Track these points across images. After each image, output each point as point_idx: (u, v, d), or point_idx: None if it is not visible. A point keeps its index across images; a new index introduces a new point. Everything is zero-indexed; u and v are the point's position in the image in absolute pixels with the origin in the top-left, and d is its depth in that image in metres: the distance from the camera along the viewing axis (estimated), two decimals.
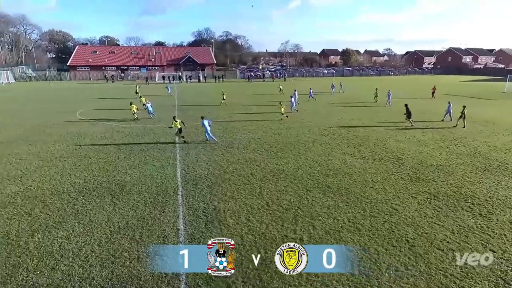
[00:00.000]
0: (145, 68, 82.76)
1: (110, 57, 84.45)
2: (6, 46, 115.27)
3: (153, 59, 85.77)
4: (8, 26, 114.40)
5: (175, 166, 13.51)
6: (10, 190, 11.12)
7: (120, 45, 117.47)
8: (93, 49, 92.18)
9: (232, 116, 25.14)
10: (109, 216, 9.23)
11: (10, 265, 7.05)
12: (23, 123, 22.68)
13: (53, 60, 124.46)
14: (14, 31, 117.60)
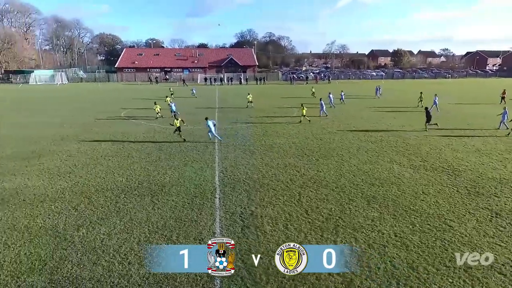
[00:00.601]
0: (187, 70, 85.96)
1: (155, 59, 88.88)
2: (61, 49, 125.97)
3: (196, 61, 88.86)
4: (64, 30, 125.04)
5: (213, 168, 13.82)
6: (59, 185, 12.08)
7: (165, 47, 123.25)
8: (139, 51, 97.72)
9: (273, 119, 25.21)
10: (148, 216, 9.66)
11: (57, 257, 7.64)
12: (74, 122, 24.58)
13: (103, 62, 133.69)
14: (69, 35, 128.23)
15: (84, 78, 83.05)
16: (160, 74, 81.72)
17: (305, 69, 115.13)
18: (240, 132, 20.81)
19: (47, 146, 17.53)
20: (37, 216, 9.69)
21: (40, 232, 8.74)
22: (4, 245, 8.15)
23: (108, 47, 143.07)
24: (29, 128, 22.40)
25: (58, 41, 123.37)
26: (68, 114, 28.43)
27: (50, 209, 10.15)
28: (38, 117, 27.42)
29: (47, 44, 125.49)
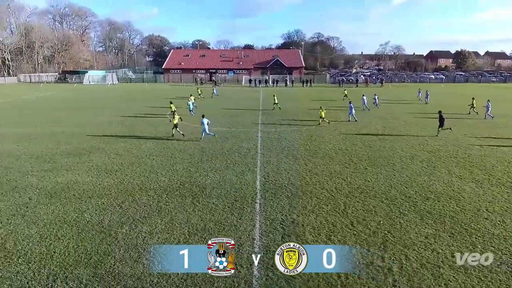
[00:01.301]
0: (232, 71, 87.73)
1: (201, 61, 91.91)
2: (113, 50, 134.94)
3: (241, 62, 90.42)
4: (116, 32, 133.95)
5: (255, 172, 13.92)
6: (106, 182, 12.90)
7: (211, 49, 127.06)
8: (186, 52, 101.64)
9: (319, 123, 24.86)
10: (189, 217, 9.96)
11: (101, 252, 8.14)
12: (122, 121, 26.16)
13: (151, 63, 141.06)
14: (120, 37, 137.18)
15: (133, 78, 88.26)
16: (205, 75, 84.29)
17: (355, 71, 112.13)
18: (283, 136, 20.78)
19: (97, 144, 18.81)
20: (85, 211, 10.42)
21: (87, 227, 9.38)
22: (55, 237, 8.85)
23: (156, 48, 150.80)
24: (82, 126, 24.22)
25: (110, 42, 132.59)
26: (117, 113, 30.29)
27: (97, 204, 10.86)
28: (90, 115, 29.57)
29: (100, 45, 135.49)
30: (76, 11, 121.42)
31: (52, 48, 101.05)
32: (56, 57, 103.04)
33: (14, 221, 9.73)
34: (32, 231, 9.17)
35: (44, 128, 23.68)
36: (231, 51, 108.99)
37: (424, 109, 32.69)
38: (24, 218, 9.92)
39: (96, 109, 33.94)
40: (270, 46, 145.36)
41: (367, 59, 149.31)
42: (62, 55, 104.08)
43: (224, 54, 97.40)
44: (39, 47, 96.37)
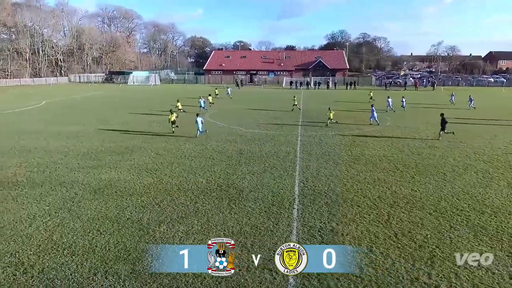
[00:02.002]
0: (273, 72, 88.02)
1: (241, 62, 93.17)
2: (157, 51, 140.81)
3: (282, 63, 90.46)
4: (160, 34, 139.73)
5: (293, 177, 13.83)
6: (146, 181, 13.45)
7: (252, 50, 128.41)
8: (227, 53, 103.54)
9: (362, 129, 24.22)
10: (225, 220, 10.11)
11: (139, 249, 8.49)
12: (163, 121, 27.14)
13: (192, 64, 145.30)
14: (164, 38, 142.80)
15: (175, 79, 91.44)
16: (245, 76, 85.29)
17: (403, 74, 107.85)
18: (324, 140, 20.46)
19: (139, 143, 19.69)
20: (125, 208, 10.93)
21: (127, 224, 9.84)
22: (97, 232, 9.38)
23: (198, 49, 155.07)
24: (125, 125, 25.50)
25: (154, 44, 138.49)
26: (158, 113, 31.49)
27: (137, 202, 11.35)
28: (133, 115, 31.03)
29: (145, 47, 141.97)
30: (123, 14, 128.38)
31: (100, 50, 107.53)
32: (104, 58, 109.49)
33: (61, 215, 10.44)
34: (76, 224, 9.79)
35: (91, 126, 25.23)
36: (272, 52, 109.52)
37: (469, 115, 30.65)
38: (70, 212, 10.61)
39: (139, 108, 35.54)
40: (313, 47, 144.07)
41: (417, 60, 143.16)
42: (109, 56, 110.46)
43: (265, 55, 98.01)
44: (89, 48, 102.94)
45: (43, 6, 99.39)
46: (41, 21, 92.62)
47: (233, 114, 31.26)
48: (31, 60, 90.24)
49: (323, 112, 31.98)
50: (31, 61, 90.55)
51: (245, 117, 29.55)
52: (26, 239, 9.01)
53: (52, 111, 33.92)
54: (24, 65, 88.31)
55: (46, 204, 11.20)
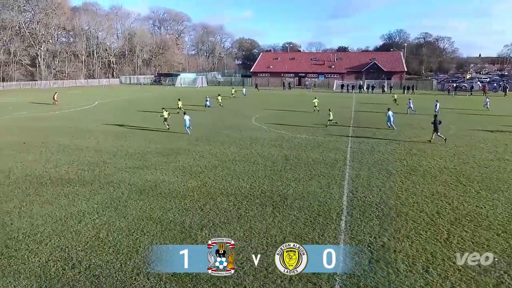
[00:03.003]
0: (323, 75, 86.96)
1: (290, 64, 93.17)
2: (204, 53, 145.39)
3: (333, 65, 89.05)
4: (208, 36, 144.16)
5: (342, 186, 13.51)
6: (190, 184, 13.88)
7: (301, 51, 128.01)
8: (275, 55, 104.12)
9: (421, 137, 23.08)
10: (268, 227, 10.11)
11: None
12: (207, 124, 27.93)
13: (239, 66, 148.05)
14: (212, 40, 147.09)
15: (221, 82, 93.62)
16: (294, 79, 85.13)
17: (469, 77, 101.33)
18: (377, 148, 19.78)
19: (184, 146, 20.39)
20: (169, 210, 11.35)
21: (170, 226, 10.20)
22: (141, 232, 9.82)
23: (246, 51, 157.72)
24: (171, 127, 26.52)
25: (202, 46, 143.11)
26: (203, 116, 32.43)
27: (180, 205, 11.73)
28: (179, 116, 32.18)
29: (193, 49, 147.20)
30: (174, 16, 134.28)
31: (150, 52, 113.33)
32: (153, 60, 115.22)
33: (108, 213, 11.09)
34: (122, 224, 10.33)
35: (139, 127, 26.56)
36: (322, 53, 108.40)
37: None
38: (116, 211, 11.23)
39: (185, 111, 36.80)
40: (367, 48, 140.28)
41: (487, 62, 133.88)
42: (158, 58, 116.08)
43: (315, 57, 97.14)
44: (139, 50, 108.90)
45: (99, 10, 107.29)
46: (97, 25, 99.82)
47: (280, 118, 31.28)
48: (86, 62, 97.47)
49: (376, 118, 30.99)
50: (86, 63, 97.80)
51: (292, 121, 29.45)
52: (75, 235, 9.67)
53: (104, 112, 36.26)
54: (79, 67, 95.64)
55: (95, 202, 11.96)
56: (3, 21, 78.56)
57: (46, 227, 10.15)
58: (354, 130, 25.77)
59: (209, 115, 33.68)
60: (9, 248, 8.97)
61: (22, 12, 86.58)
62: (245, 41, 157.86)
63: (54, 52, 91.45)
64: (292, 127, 26.50)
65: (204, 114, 34.26)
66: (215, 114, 33.81)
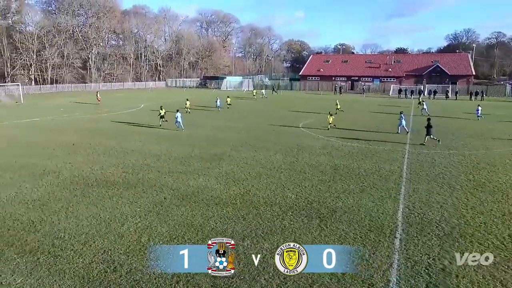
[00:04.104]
0: (378, 79, 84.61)
1: (342, 67, 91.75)
2: (252, 56, 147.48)
3: (390, 68, 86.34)
4: (256, 37, 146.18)
5: (397, 201, 12.99)
6: (233, 191, 14.05)
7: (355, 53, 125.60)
8: (326, 58, 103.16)
9: (491, 149, 21.63)
10: (314, 241, 9.94)
11: None
12: (253, 129, 28.20)
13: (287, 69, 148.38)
14: (260, 42, 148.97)
15: (268, 85, 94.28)
16: (346, 83, 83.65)
17: None
18: (438, 160, 18.80)
19: (228, 151, 20.74)
20: (210, 217, 11.56)
21: (211, 234, 10.36)
22: (182, 239, 10.09)
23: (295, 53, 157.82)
24: (216, 131, 27.18)
25: (250, 48, 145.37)
26: (248, 121, 32.83)
27: (222, 213, 11.91)
28: (224, 121, 32.90)
29: (240, 51, 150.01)
30: (221, 18, 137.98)
31: (197, 54, 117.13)
32: (200, 63, 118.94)
33: (150, 218, 11.53)
34: (163, 229, 10.69)
35: (183, 130, 27.44)
36: (378, 56, 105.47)
37: None
38: (158, 216, 11.64)
39: (229, 114, 37.50)
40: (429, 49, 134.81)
41: None
42: (204, 61, 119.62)
43: (370, 60, 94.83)
44: (186, 53, 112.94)
45: (148, 13, 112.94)
46: (145, 28, 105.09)
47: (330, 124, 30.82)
48: (134, 65, 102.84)
49: (439, 126, 29.53)
50: (134, 65, 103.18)
51: (343, 128, 28.90)
52: (118, 238, 10.16)
53: (149, 115, 37.94)
54: (128, 69, 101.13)
55: (138, 206, 12.49)
56: (58, 25, 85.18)
57: (90, 228, 10.76)
58: (412, 139, 24.71)
59: (256, 119, 34.00)
60: (56, 248, 9.62)
61: (76, 16, 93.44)
62: (294, 43, 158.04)
63: (104, 55, 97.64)
64: (342, 134, 25.98)
65: (252, 118, 34.62)
66: (261, 119, 34.07)
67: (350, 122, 32.05)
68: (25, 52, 79.85)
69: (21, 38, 79.21)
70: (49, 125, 31.25)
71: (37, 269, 8.60)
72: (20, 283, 8.09)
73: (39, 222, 11.22)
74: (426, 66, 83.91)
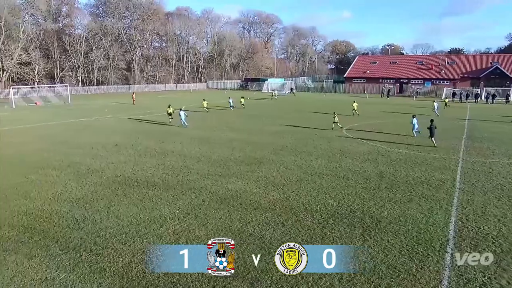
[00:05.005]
0: (429, 81, 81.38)
1: (390, 68, 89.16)
2: (294, 57, 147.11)
3: (443, 70, 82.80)
4: (300, 38, 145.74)
5: (448, 212, 12.39)
6: (272, 196, 14.04)
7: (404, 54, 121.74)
8: (373, 59, 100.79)
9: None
10: (356, 252, 9.70)
11: (259, 269, 8.85)
12: (294, 132, 28.03)
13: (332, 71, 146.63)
14: (303, 43, 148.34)
15: (311, 87, 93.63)
16: (394, 85, 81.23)
17: None
18: (496, 170, 17.74)
19: (268, 155, 20.77)
20: (249, 222, 11.62)
21: (249, 239, 10.42)
22: None
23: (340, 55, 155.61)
24: (254, 134, 27.32)
25: (292, 49, 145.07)
26: (288, 123, 32.69)
27: (261, 218, 11.93)
28: (263, 123, 33.02)
29: (282, 52, 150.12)
30: (264, 19, 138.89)
31: (239, 56, 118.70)
32: (241, 65, 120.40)
33: (188, 220, 11.78)
34: (201, 232, 10.88)
35: (222, 133, 27.89)
36: (430, 56, 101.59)
37: None
38: (196, 219, 11.87)
39: (269, 117, 37.59)
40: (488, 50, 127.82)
41: None
42: (246, 63, 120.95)
43: (421, 61, 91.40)
44: (228, 55, 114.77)
45: (191, 15, 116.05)
46: (188, 29, 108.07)
47: (375, 129, 30.03)
48: (176, 67, 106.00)
49: (498, 134, 27.88)
50: (176, 67, 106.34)
51: (390, 133, 28.05)
52: (157, 239, 10.46)
53: (189, 117, 38.86)
54: (170, 71, 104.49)
55: (176, 208, 12.81)
56: (105, 28, 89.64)
57: (130, 228, 11.18)
58: (467, 147, 23.50)
59: (294, 121, 33.82)
60: (97, 246, 10.07)
61: (121, 19, 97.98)
62: (339, 43, 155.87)
63: (147, 57, 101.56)
64: (389, 139, 25.21)
65: (290, 120, 34.49)
66: (303, 122, 33.84)
67: (399, 127, 31.03)
68: (74, 54, 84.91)
69: (70, 41, 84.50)
70: (93, 126, 32.91)
71: (79, 266, 9.05)
72: (64, 278, 8.55)
73: (82, 220, 11.82)
74: (484, 67, 79.54)
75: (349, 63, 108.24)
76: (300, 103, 58.70)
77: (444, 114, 42.34)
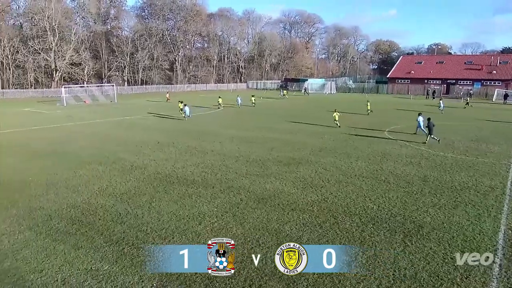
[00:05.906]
0: (479, 82, 77.38)
1: (436, 68, 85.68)
2: (335, 57, 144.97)
3: (494, 71, 78.44)
4: (341, 38, 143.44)
5: (498, 220, 11.74)
6: (310, 197, 13.92)
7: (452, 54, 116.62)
8: (418, 59, 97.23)
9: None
10: (396, 258, 9.42)
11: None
12: (334, 133, 27.63)
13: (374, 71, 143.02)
14: (345, 43, 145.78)
15: (353, 88, 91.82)
16: (440, 86, 78.03)
17: None
18: None
19: (306, 156, 20.61)
20: (286, 222, 11.59)
21: (286, 240, 10.38)
22: (257, 242, 10.27)
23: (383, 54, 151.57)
24: (293, 135, 27.19)
25: (334, 49, 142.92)
26: (329, 125, 32.22)
27: (298, 219, 11.87)
28: (302, 124, 32.80)
29: (323, 52, 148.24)
30: (305, 19, 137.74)
31: (279, 56, 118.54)
32: (281, 65, 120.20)
33: (226, 218, 11.93)
34: (238, 231, 10.98)
35: (260, 133, 27.99)
36: (480, 56, 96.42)
37: None
38: (234, 217, 12.00)
39: (307, 118, 37.24)
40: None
41: None
42: (286, 63, 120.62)
43: (470, 61, 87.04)
44: (268, 55, 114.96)
45: (232, 15, 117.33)
46: (229, 30, 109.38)
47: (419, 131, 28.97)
48: (217, 67, 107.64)
49: None
50: (217, 67, 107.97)
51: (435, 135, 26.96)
52: (195, 236, 10.68)
53: (229, 116, 39.41)
54: (211, 71, 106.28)
55: (215, 206, 13.02)
56: (150, 29, 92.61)
57: (170, 224, 11.48)
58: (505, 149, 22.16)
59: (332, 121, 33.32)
60: (139, 240, 10.44)
61: (166, 20, 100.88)
62: (382, 43, 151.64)
63: (190, 57, 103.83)
64: (434, 142, 24.23)
65: (329, 121, 34.04)
66: (342, 123, 33.28)
67: (447, 130, 29.79)
68: (120, 55, 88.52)
69: (117, 42, 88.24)
70: (137, 124, 34.11)
71: (122, 258, 9.42)
72: (107, 269, 8.93)
73: (125, 214, 12.29)
74: None
75: (393, 63, 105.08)
76: (336, 103, 57.79)
77: (497, 116, 40.13)
